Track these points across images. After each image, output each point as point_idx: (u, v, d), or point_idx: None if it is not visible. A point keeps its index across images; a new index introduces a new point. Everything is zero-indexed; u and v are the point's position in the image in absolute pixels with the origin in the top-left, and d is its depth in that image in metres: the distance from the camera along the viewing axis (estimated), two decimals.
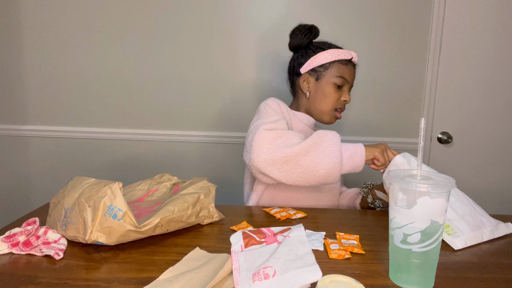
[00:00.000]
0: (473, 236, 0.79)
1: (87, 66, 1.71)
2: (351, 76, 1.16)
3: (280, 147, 0.94)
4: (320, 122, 1.21)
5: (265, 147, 0.95)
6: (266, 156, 0.94)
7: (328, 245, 0.76)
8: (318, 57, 1.15)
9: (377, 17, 1.64)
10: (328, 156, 0.94)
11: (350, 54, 1.16)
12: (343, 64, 1.15)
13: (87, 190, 0.76)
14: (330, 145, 0.95)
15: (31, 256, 0.71)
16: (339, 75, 1.14)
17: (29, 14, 1.68)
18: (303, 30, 1.18)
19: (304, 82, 1.19)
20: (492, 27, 1.63)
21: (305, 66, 1.17)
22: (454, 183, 0.59)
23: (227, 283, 0.60)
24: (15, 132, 1.77)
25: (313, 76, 1.17)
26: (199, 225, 0.88)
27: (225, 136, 1.73)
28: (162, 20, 1.67)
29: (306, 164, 0.94)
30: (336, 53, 1.14)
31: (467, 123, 1.71)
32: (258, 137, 0.97)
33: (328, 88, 1.15)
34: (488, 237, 0.82)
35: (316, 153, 0.94)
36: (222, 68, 1.70)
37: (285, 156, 0.94)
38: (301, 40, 1.18)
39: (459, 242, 0.78)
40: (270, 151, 0.94)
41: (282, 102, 1.18)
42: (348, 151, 0.97)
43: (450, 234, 0.79)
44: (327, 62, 1.14)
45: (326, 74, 1.15)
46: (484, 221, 0.84)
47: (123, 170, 1.78)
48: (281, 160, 0.94)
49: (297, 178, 0.96)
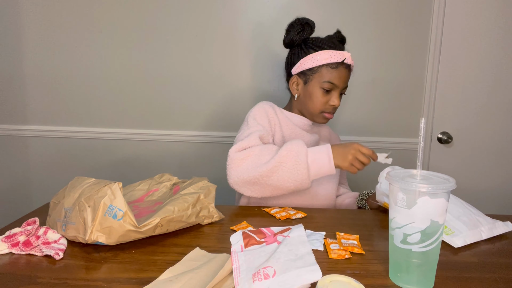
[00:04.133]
0: (471, 235, 0.80)
1: (87, 66, 1.71)
2: (341, 80, 1.12)
3: (247, 169, 0.97)
4: (314, 122, 1.21)
5: (234, 170, 0.99)
6: (236, 179, 0.99)
7: (328, 245, 0.76)
8: (308, 59, 1.12)
9: (377, 17, 1.64)
10: (294, 173, 0.96)
11: (342, 56, 1.11)
12: (332, 67, 1.10)
13: (87, 190, 0.76)
14: (295, 162, 0.96)
15: (31, 256, 0.71)
16: (327, 80, 1.11)
17: (29, 14, 1.68)
18: (297, 27, 1.15)
19: (293, 84, 1.18)
20: (492, 27, 1.63)
21: (296, 67, 1.16)
22: (454, 183, 0.59)
23: (227, 283, 0.60)
24: (15, 132, 1.77)
25: (302, 79, 1.16)
26: (199, 225, 0.88)
27: (225, 136, 1.73)
28: (162, 20, 1.67)
29: (274, 183, 0.97)
30: (326, 56, 1.10)
31: (467, 123, 1.71)
32: (228, 159, 1.00)
33: (315, 92, 1.13)
34: (487, 235, 0.82)
35: (282, 171, 0.96)
36: (222, 68, 1.70)
37: (252, 178, 0.97)
38: (294, 37, 1.15)
39: (458, 240, 0.78)
40: (239, 174, 0.98)
41: (271, 106, 1.16)
42: (315, 164, 0.97)
43: (449, 234, 0.80)
44: (315, 66, 1.11)
45: (314, 78, 1.12)
46: (480, 220, 0.85)
47: (123, 170, 1.78)
48: (249, 182, 0.98)
49: (270, 193, 1.01)
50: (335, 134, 1.37)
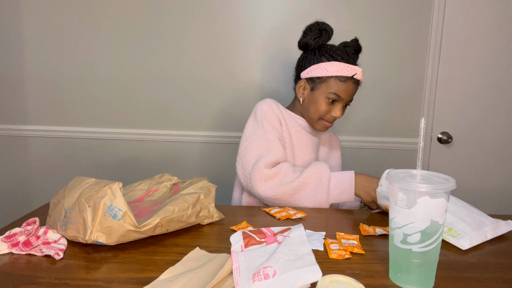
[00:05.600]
0: (477, 235, 0.79)
1: (87, 66, 1.71)
2: (347, 93, 1.12)
3: (273, 186, 1.04)
4: (312, 128, 1.22)
5: (261, 185, 1.05)
6: (260, 192, 1.05)
7: (328, 245, 0.76)
8: (319, 67, 1.12)
9: (377, 17, 1.64)
10: (315, 195, 1.02)
11: (353, 71, 1.11)
12: (341, 80, 1.11)
13: (87, 190, 0.76)
14: (317, 185, 1.02)
15: (31, 256, 0.71)
16: (333, 91, 1.11)
17: (29, 14, 1.68)
18: (315, 31, 1.14)
19: (300, 88, 1.19)
20: (492, 27, 1.63)
21: (305, 72, 1.16)
22: (454, 183, 0.59)
23: (227, 283, 0.60)
24: (15, 132, 1.77)
25: (310, 85, 1.16)
26: (199, 225, 0.88)
27: (226, 136, 1.73)
28: (162, 20, 1.67)
29: (294, 201, 1.04)
30: (337, 68, 1.10)
31: (467, 123, 1.71)
32: (256, 171, 1.06)
33: (320, 100, 1.13)
34: (492, 235, 0.82)
35: (305, 191, 1.03)
36: (222, 68, 1.70)
37: (276, 195, 1.04)
38: (310, 41, 1.15)
39: (465, 242, 0.77)
40: (265, 190, 1.04)
41: (276, 104, 1.18)
42: (335, 190, 1.03)
43: (455, 236, 0.79)
44: (325, 76, 1.12)
45: (322, 87, 1.13)
46: (484, 220, 0.84)
47: (123, 170, 1.78)
48: (272, 198, 1.04)
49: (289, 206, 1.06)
50: (336, 137, 1.38)
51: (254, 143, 1.11)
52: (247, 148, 1.11)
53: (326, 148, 1.30)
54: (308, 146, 1.19)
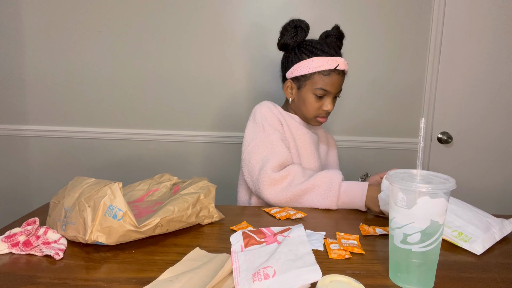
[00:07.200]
0: (487, 238, 0.78)
1: (87, 66, 1.71)
2: (333, 86, 1.12)
3: (282, 190, 1.03)
4: (308, 124, 1.22)
5: (270, 189, 1.04)
6: (270, 197, 1.04)
7: (328, 245, 0.76)
8: (301, 65, 1.12)
9: (377, 17, 1.64)
10: (324, 198, 1.01)
11: (335, 62, 1.10)
12: (324, 74, 1.10)
13: (87, 190, 0.76)
14: (327, 188, 1.01)
15: (31, 256, 0.71)
16: (319, 87, 1.11)
17: (29, 14, 1.68)
18: (290, 30, 1.14)
19: (287, 89, 1.19)
20: (492, 27, 1.63)
21: (289, 72, 1.16)
22: (454, 183, 0.59)
23: (227, 283, 0.60)
24: (15, 132, 1.77)
25: (296, 84, 1.16)
26: (199, 225, 0.88)
27: (226, 136, 1.73)
28: (162, 20, 1.67)
29: (303, 202, 1.03)
30: (319, 63, 1.09)
31: (467, 123, 1.71)
32: (263, 176, 1.05)
33: (308, 97, 1.14)
34: (499, 236, 0.80)
35: (314, 194, 1.02)
36: (222, 68, 1.70)
37: (285, 197, 1.03)
38: (288, 41, 1.14)
39: (477, 246, 0.76)
40: (274, 194, 1.04)
41: (274, 105, 1.18)
42: (345, 195, 1.01)
43: (467, 241, 0.77)
44: (308, 73, 1.12)
45: (307, 84, 1.13)
46: (490, 221, 0.83)
47: (123, 170, 1.78)
48: (283, 200, 1.04)
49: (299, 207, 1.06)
50: (331, 136, 1.39)
51: (257, 147, 1.10)
52: (250, 153, 1.10)
53: (324, 146, 1.31)
54: (310, 143, 1.19)
